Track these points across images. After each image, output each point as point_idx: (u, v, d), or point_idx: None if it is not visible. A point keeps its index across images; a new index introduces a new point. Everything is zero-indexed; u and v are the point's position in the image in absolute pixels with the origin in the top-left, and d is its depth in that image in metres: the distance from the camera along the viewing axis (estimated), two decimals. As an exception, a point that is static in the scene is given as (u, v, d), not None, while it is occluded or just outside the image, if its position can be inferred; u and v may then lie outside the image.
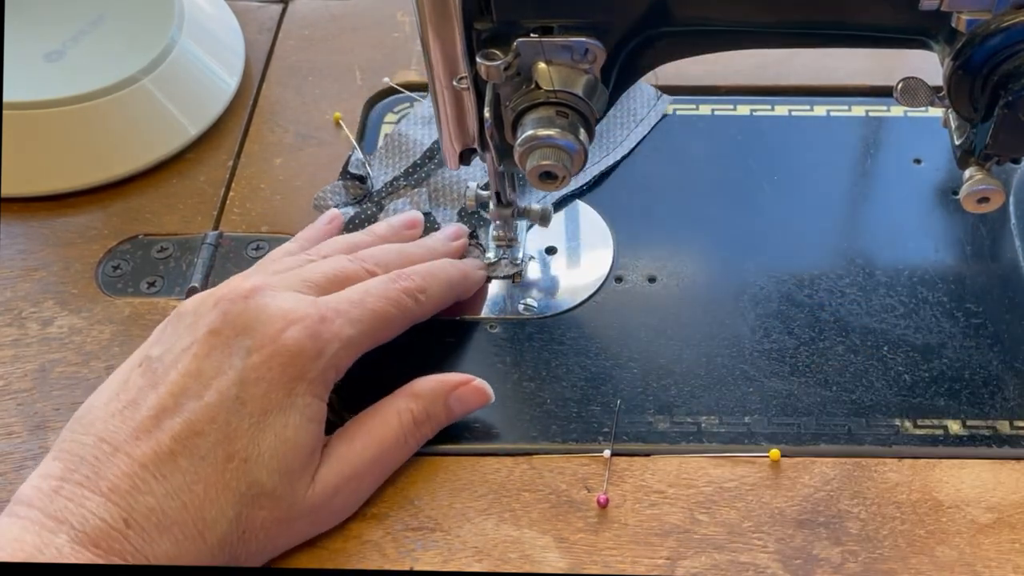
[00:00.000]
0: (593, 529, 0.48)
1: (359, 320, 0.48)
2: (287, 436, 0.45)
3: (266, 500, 0.44)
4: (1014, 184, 0.61)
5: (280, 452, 0.44)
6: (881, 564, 0.47)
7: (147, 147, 0.63)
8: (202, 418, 0.43)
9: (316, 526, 0.47)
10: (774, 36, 0.47)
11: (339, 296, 0.48)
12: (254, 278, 0.48)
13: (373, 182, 0.62)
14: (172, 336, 0.46)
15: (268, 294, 0.47)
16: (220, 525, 0.43)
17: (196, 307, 0.47)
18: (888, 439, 0.51)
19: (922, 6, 0.43)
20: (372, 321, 0.48)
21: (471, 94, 0.48)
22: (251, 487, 0.44)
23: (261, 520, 0.44)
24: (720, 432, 0.51)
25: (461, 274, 0.55)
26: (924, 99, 0.45)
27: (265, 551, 0.46)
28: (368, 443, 0.48)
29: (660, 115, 0.66)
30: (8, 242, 0.60)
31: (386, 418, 0.48)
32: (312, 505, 0.46)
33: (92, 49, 0.63)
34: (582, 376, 0.53)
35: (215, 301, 0.46)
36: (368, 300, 0.48)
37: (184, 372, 0.44)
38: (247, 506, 0.44)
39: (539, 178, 0.46)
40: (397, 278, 0.51)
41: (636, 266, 0.59)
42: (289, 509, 0.45)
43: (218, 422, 0.43)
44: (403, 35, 0.72)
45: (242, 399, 0.44)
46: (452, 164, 0.53)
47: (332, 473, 0.46)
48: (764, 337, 0.55)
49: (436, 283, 0.52)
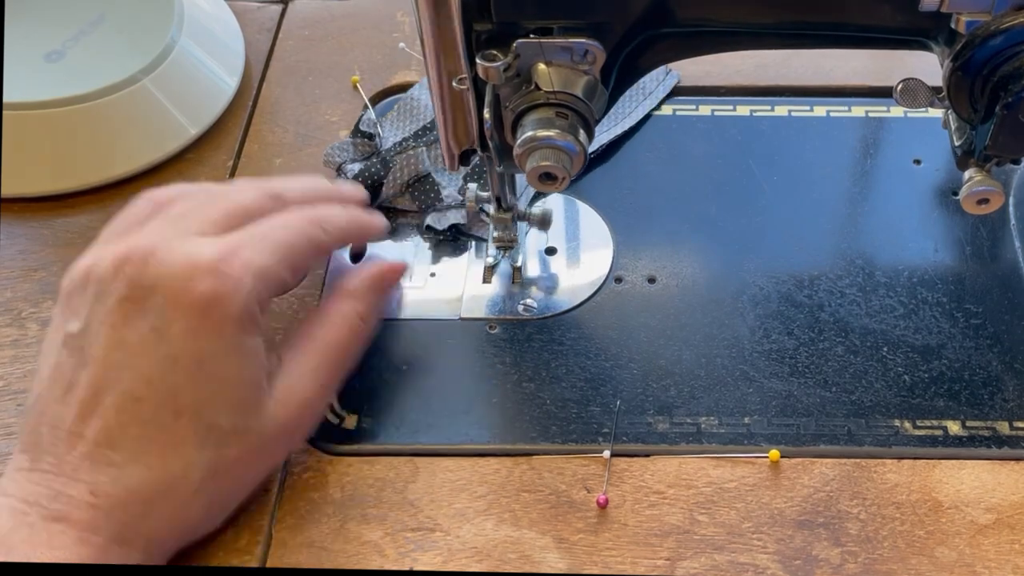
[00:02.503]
0: (593, 530, 0.48)
1: (265, 250, 0.47)
2: (230, 376, 0.45)
3: (231, 438, 0.45)
4: (1014, 185, 0.61)
5: (228, 393, 0.45)
6: (881, 565, 0.47)
7: (147, 147, 0.63)
8: (138, 385, 0.43)
9: (293, 443, 0.49)
10: (773, 37, 0.47)
11: (241, 232, 0.47)
12: (150, 231, 0.47)
13: (382, 141, 0.63)
14: (83, 307, 0.45)
15: (166, 246, 0.45)
16: (192, 474, 0.44)
17: (99, 274, 0.45)
18: (888, 440, 0.51)
19: (922, 7, 0.43)
20: (280, 250, 0.47)
21: (471, 95, 0.48)
22: (210, 432, 0.44)
23: (233, 458, 0.45)
24: (720, 433, 0.51)
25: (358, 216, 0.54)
26: (924, 100, 0.45)
27: (245, 484, 0.47)
28: (323, 353, 0.49)
29: (669, 90, 0.66)
30: (8, 242, 0.60)
31: (335, 324, 0.50)
32: (281, 426, 0.47)
33: (92, 49, 0.63)
34: (582, 377, 0.54)
35: (115, 266, 0.45)
36: (272, 232, 0.48)
37: (107, 345, 0.44)
38: (216, 448, 0.44)
39: (539, 179, 0.46)
40: (299, 209, 0.50)
41: (636, 266, 0.59)
42: (259, 438, 0.46)
43: (155, 384, 0.44)
44: (403, 35, 0.71)
45: (172, 356, 0.44)
46: (451, 165, 0.53)
47: (295, 391, 0.47)
48: (764, 338, 0.55)
49: (336, 215, 0.52)
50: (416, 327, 0.55)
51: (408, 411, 0.52)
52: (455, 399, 0.53)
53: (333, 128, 0.66)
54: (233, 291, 0.45)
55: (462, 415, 0.52)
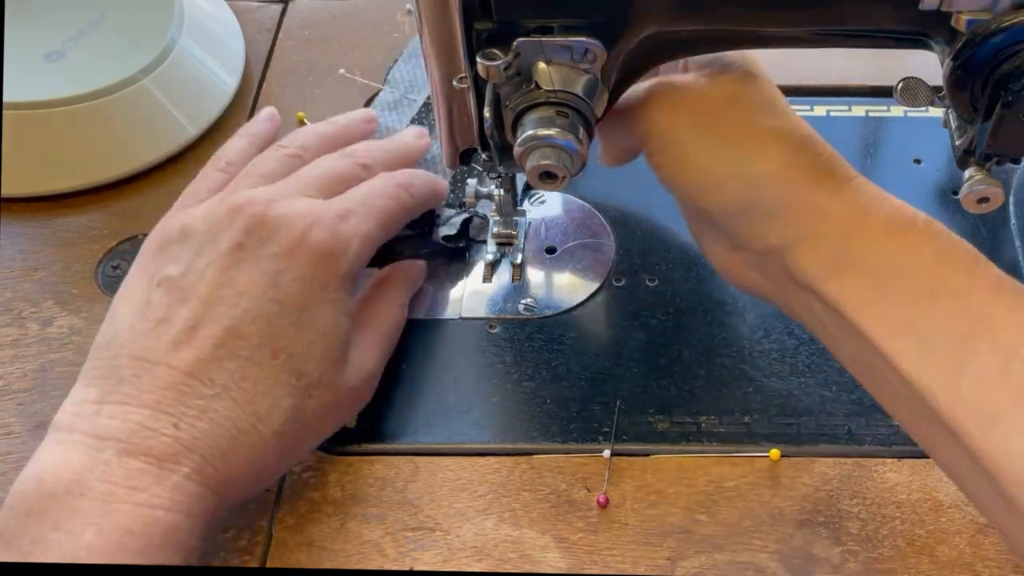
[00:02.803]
0: (593, 529, 0.48)
1: (369, 216, 0.50)
2: (327, 329, 0.47)
3: (316, 389, 0.46)
4: (1014, 184, 0.61)
5: (322, 344, 0.46)
6: (881, 564, 0.47)
7: (147, 147, 0.63)
8: (242, 321, 0.44)
9: (354, 407, 0.50)
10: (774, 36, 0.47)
11: (346, 196, 0.51)
12: (258, 189, 0.49)
13: None
14: (188, 255, 0.47)
15: (283, 202, 0.48)
16: (275, 416, 0.44)
17: (209, 225, 0.47)
18: (888, 439, 0.51)
19: (922, 6, 0.43)
20: (380, 216, 0.51)
21: (471, 94, 0.48)
22: (300, 378, 0.45)
23: (312, 408, 0.46)
24: (720, 432, 0.51)
25: (433, 179, 0.57)
26: (924, 99, 0.45)
27: (313, 438, 0.48)
28: (383, 334, 0.52)
29: None
30: (8, 242, 0.60)
31: (391, 310, 0.53)
32: (354, 387, 0.49)
33: (92, 49, 0.63)
34: (582, 376, 0.53)
35: (230, 215, 0.47)
36: (372, 198, 0.51)
37: (214, 283, 0.45)
38: (299, 396, 0.45)
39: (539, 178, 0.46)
40: (390, 176, 0.54)
41: (636, 266, 0.59)
42: (336, 395, 0.47)
43: (259, 323, 0.45)
44: (403, 35, 0.72)
45: (279, 300, 0.45)
46: (451, 163, 0.53)
47: (365, 361, 0.50)
48: (764, 337, 0.55)
49: (419, 180, 0.55)
50: (416, 327, 0.55)
51: (408, 411, 0.52)
52: (455, 399, 0.53)
53: (333, 128, 0.66)
54: (344, 250, 0.48)
55: (462, 415, 0.52)
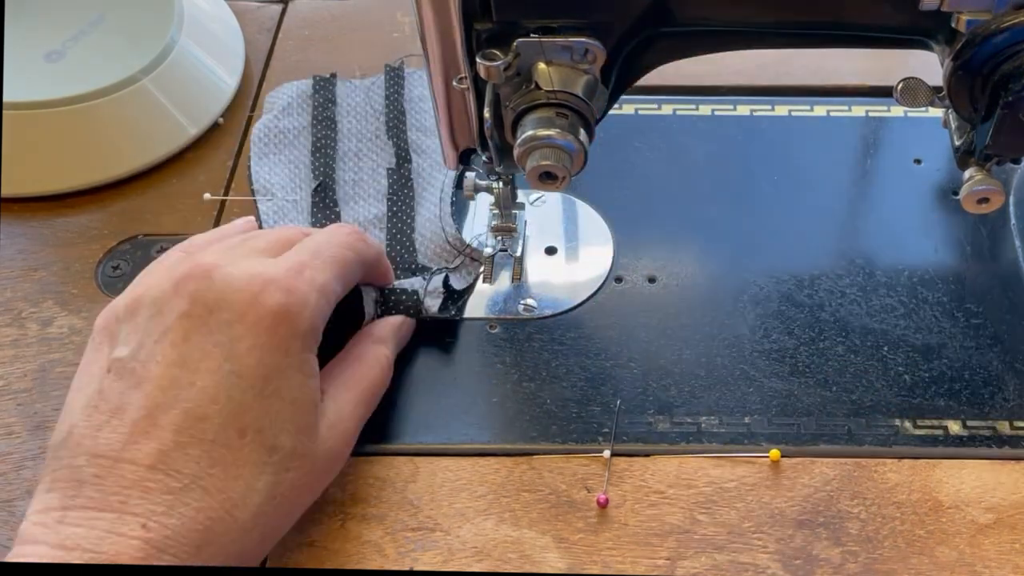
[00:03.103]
0: (593, 529, 0.48)
1: (325, 267, 0.47)
2: (295, 396, 0.44)
3: (292, 461, 0.43)
4: (1014, 184, 0.61)
5: (291, 413, 0.44)
6: (881, 564, 0.46)
7: (147, 147, 0.63)
8: (201, 402, 0.42)
9: (334, 471, 0.47)
10: (774, 36, 0.47)
11: (297, 249, 0.48)
12: (204, 255, 0.46)
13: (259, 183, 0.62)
14: (137, 333, 0.43)
15: (231, 263, 0.45)
16: (250, 499, 0.42)
17: (154, 297, 0.44)
18: (888, 439, 0.51)
19: (922, 6, 0.43)
20: (336, 266, 0.48)
21: (471, 94, 0.48)
22: (273, 453, 0.43)
23: (290, 481, 0.43)
24: (720, 432, 0.51)
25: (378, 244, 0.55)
26: (924, 99, 0.45)
27: (296, 512, 0.46)
28: (363, 391, 0.49)
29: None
30: (8, 242, 0.60)
31: (371, 364, 0.50)
32: (331, 453, 0.46)
33: (92, 49, 0.63)
34: (582, 376, 0.53)
35: (175, 286, 0.44)
36: (324, 248, 0.48)
37: (166, 363, 0.42)
38: (274, 472, 0.43)
39: (539, 178, 0.46)
40: (338, 226, 0.52)
41: (636, 266, 0.59)
42: (313, 463, 0.45)
43: (220, 401, 0.42)
44: (403, 35, 0.71)
45: (238, 373, 0.42)
46: (451, 164, 0.53)
47: (342, 421, 0.47)
48: (764, 337, 0.55)
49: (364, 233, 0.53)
50: (416, 327, 0.55)
51: (408, 411, 0.52)
52: (455, 399, 0.53)
53: (333, 128, 0.66)
54: (301, 307, 0.44)
55: (462, 415, 0.52)
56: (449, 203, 0.59)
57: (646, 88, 0.65)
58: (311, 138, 0.64)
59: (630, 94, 0.54)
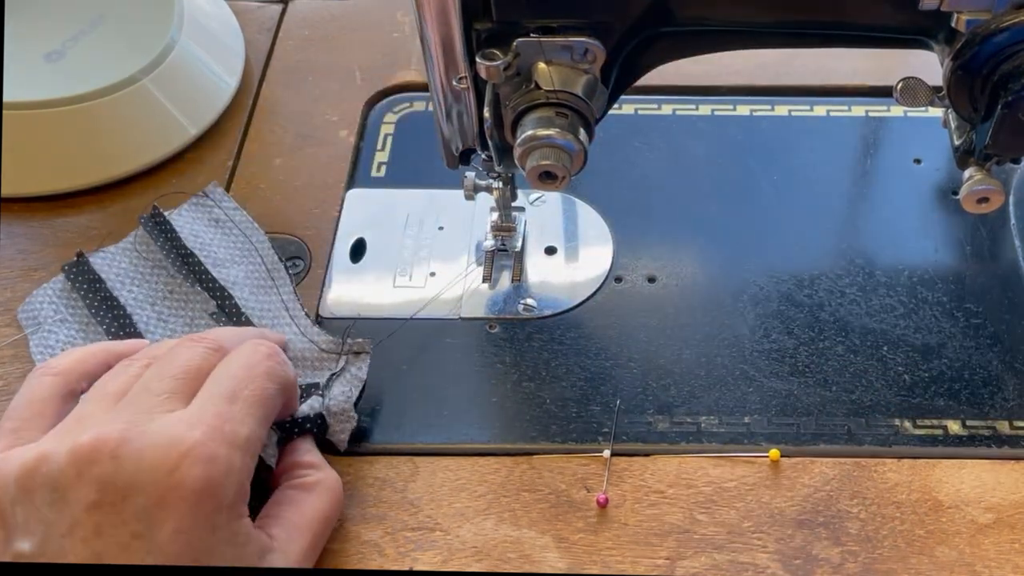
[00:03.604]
0: (593, 529, 0.48)
1: (246, 414, 0.42)
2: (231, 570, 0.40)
3: None
4: (1014, 184, 0.61)
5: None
6: (881, 564, 0.47)
7: (147, 147, 0.63)
8: None
9: None
10: (774, 36, 0.47)
11: (211, 395, 0.42)
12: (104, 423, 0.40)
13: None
14: (36, 522, 0.38)
15: (137, 433, 0.39)
16: None
17: (53, 476, 0.38)
18: (888, 439, 0.51)
19: (922, 6, 0.43)
20: (258, 407, 0.43)
21: (471, 94, 0.48)
22: None
23: None
24: (720, 432, 0.51)
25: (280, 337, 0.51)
26: (924, 99, 0.45)
27: None
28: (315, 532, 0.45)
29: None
30: (8, 242, 0.60)
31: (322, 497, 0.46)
32: None
33: (92, 49, 0.63)
34: (582, 376, 0.53)
35: (76, 469, 0.38)
36: (242, 388, 0.43)
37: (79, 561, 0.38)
38: None
39: (539, 178, 0.46)
40: (251, 348, 0.45)
41: (636, 266, 0.59)
42: None
43: None
44: (403, 35, 0.72)
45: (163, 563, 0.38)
46: (451, 164, 0.53)
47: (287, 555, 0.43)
48: (764, 337, 0.55)
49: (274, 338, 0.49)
50: (416, 327, 0.55)
51: (408, 411, 0.52)
52: (455, 399, 0.53)
53: (333, 128, 0.66)
54: (225, 475, 0.40)
55: (462, 415, 0.52)
56: (301, 312, 0.54)
57: (646, 88, 0.65)
58: (100, 328, 0.54)
59: (630, 94, 0.54)
